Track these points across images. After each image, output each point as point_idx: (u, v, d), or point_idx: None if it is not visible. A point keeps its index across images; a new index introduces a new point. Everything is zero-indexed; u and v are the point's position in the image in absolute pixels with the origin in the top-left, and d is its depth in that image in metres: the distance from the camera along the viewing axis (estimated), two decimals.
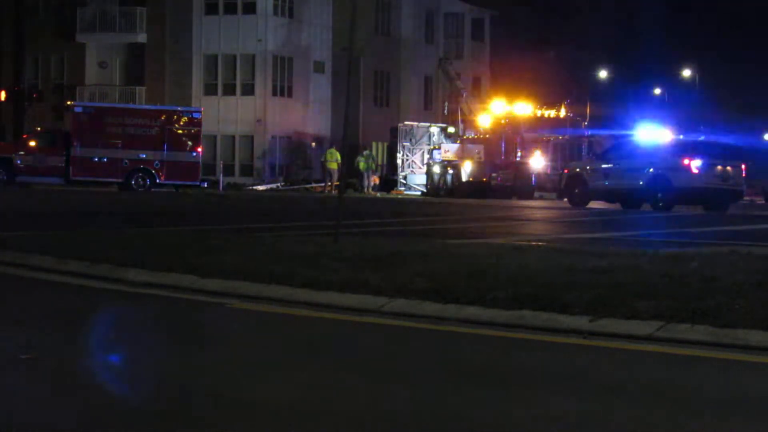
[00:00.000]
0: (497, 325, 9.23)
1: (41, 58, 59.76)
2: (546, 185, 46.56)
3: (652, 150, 33.92)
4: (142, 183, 44.24)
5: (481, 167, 46.88)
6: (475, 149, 48.12)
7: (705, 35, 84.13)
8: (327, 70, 59.48)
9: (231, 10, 56.24)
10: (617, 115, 60.80)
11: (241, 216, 24.80)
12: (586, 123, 52.20)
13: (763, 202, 45.57)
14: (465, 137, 49.71)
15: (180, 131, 44.92)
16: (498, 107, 48.97)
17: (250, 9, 56.10)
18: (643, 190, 33.03)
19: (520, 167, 46.86)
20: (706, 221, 25.91)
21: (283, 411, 6.35)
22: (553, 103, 50.30)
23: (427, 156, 50.56)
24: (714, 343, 8.35)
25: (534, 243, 16.03)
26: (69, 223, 19.96)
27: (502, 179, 46.19)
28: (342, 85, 50.68)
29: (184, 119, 45.25)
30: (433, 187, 47.84)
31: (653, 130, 36.96)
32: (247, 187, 52.12)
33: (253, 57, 56.09)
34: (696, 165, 32.66)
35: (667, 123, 46.64)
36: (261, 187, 52.15)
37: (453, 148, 48.90)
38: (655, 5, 77.40)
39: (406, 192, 51.21)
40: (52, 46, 58.97)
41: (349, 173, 48.87)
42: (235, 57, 56.33)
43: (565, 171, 37.57)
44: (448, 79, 56.65)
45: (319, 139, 57.94)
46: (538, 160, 47.67)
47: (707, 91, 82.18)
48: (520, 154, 47.57)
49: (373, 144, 57.54)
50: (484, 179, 46.35)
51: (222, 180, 51.18)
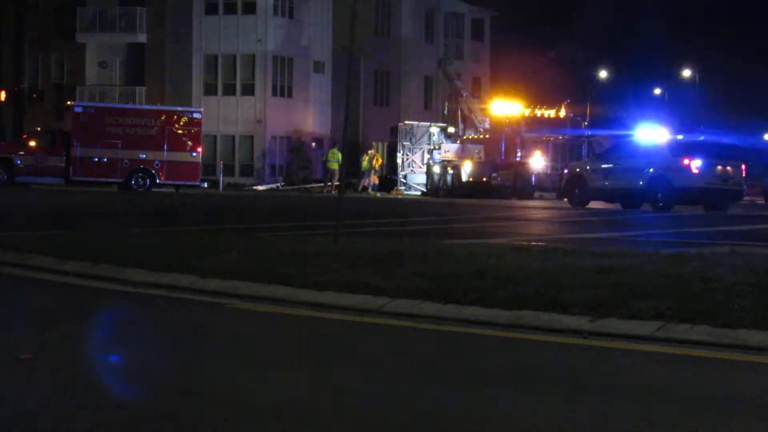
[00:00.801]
0: (497, 325, 9.23)
1: (41, 58, 59.74)
2: (546, 185, 46.58)
3: (652, 150, 33.92)
4: (142, 183, 44.24)
5: (481, 167, 46.89)
6: (475, 149, 48.15)
7: (705, 35, 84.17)
8: (327, 70, 59.47)
9: (231, 10, 56.23)
10: (617, 115, 60.76)
11: (241, 216, 24.80)
12: (586, 123, 52.21)
13: (763, 202, 45.53)
14: (465, 137, 49.74)
15: (180, 131, 44.92)
16: (498, 107, 48.98)
17: (250, 9, 56.09)
18: (643, 190, 33.02)
19: (520, 167, 46.87)
20: (706, 221, 25.91)
21: (284, 411, 6.35)
22: (553, 103, 50.32)
23: (427, 156, 50.58)
24: (714, 343, 8.35)
25: (534, 243, 16.03)
26: (69, 223, 19.95)
27: (502, 179, 46.20)
28: (342, 85, 50.69)
29: (184, 119, 45.25)
30: (433, 187, 47.84)
31: (653, 130, 36.95)
32: (247, 188, 52.11)
33: (253, 57, 56.09)
34: (696, 165, 32.66)
35: (667, 123, 46.67)
36: (261, 187, 52.14)
37: (453, 148, 48.92)
38: (655, 5, 77.41)
39: (406, 192, 51.22)
40: (52, 46, 58.96)
41: (352, 173, 48.87)
42: (235, 57, 56.33)
43: (565, 171, 37.58)
44: (448, 79, 56.61)
45: (319, 139, 57.94)
46: (538, 160, 47.68)
47: (707, 91, 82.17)
48: (520, 154, 47.59)
49: (373, 144, 57.52)
50: (484, 179, 46.36)
51: (222, 180, 51.20)
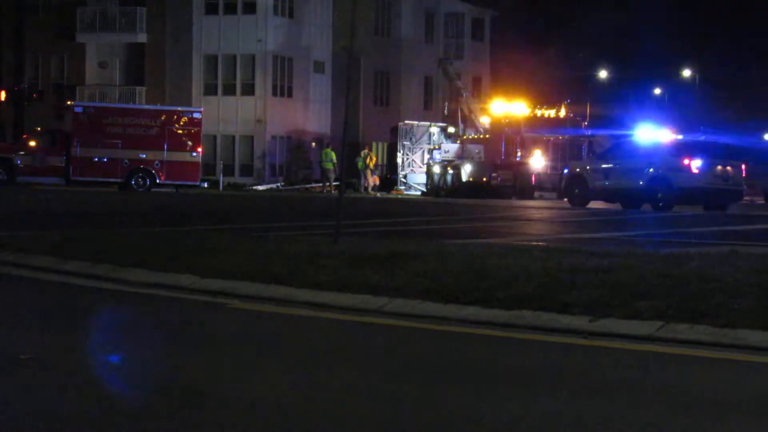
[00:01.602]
0: (497, 325, 9.24)
1: (41, 58, 59.73)
2: (546, 185, 46.56)
3: (652, 150, 33.91)
4: (142, 183, 44.24)
5: (481, 167, 46.89)
6: (475, 149, 48.14)
7: (705, 35, 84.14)
8: (327, 70, 59.47)
9: (231, 10, 56.22)
10: (617, 115, 60.74)
11: (241, 216, 24.80)
12: (586, 123, 52.18)
13: (763, 202, 45.50)
14: (465, 137, 49.73)
15: (180, 131, 44.92)
16: (498, 107, 48.98)
17: (250, 9, 56.08)
18: (643, 190, 33.01)
19: (520, 167, 46.86)
20: (706, 221, 25.90)
21: (284, 410, 6.36)
22: (553, 103, 50.31)
23: (427, 156, 50.58)
24: (714, 343, 8.35)
25: (534, 243, 16.03)
26: (69, 223, 19.95)
27: (502, 179, 46.20)
28: (342, 85, 50.68)
29: (184, 119, 45.24)
30: (433, 187, 47.84)
31: (653, 130, 36.95)
32: (247, 188, 52.11)
33: (253, 57, 56.08)
34: (696, 165, 32.65)
35: (667, 123, 46.67)
36: (261, 187, 52.14)
37: (453, 148, 48.93)
38: (655, 5, 77.40)
39: (406, 192, 51.22)
40: (52, 46, 58.93)
41: (350, 173, 48.85)
42: (235, 57, 56.31)
43: (565, 171, 37.57)
44: (448, 79, 56.61)
45: (319, 139, 57.94)
46: (538, 160, 47.67)
47: (707, 91, 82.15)
48: (520, 154, 47.58)
49: (373, 144, 57.52)
50: (484, 179, 46.36)
51: (222, 180, 51.20)
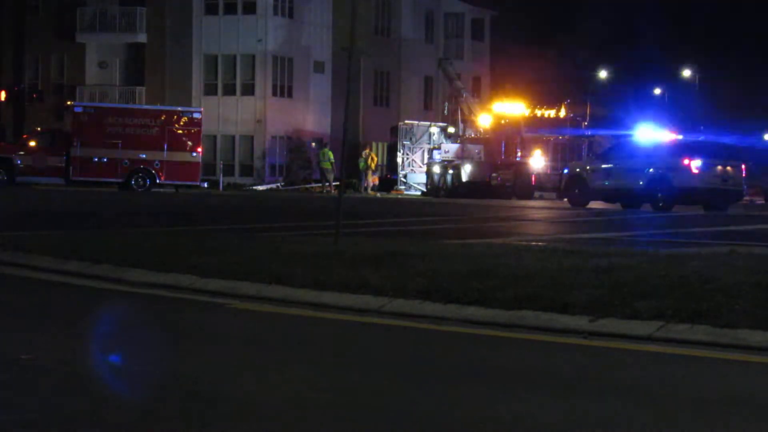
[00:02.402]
0: (497, 325, 9.23)
1: (41, 58, 59.74)
2: (546, 185, 46.60)
3: (652, 150, 33.93)
4: (142, 183, 44.25)
5: (481, 167, 46.90)
6: (475, 149, 48.15)
7: (705, 35, 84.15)
8: (327, 70, 59.47)
9: (231, 10, 56.23)
10: (617, 115, 60.76)
11: (241, 216, 24.81)
12: (586, 123, 52.22)
13: (763, 202, 45.53)
14: (465, 137, 49.74)
15: (180, 131, 44.93)
16: (498, 107, 48.99)
17: (250, 9, 56.08)
18: (643, 190, 33.02)
19: (520, 167, 46.88)
20: (706, 221, 25.90)
21: (284, 410, 6.36)
22: (553, 103, 50.33)
23: (427, 155, 50.59)
24: (714, 343, 8.35)
25: (534, 243, 16.03)
26: (69, 223, 19.95)
27: (502, 179, 46.22)
28: (342, 85, 50.68)
29: (184, 119, 45.26)
30: (433, 187, 47.86)
31: (653, 130, 36.97)
32: (247, 188, 52.11)
33: (253, 57, 56.08)
34: (696, 165, 32.66)
35: (667, 123, 46.68)
36: (261, 188, 52.15)
37: (453, 148, 48.93)
38: (655, 5, 77.41)
39: (406, 191, 51.23)
40: (52, 46, 58.94)
41: (349, 173, 48.86)
42: (235, 57, 56.32)
43: (565, 171, 37.58)
44: (448, 79, 56.60)
45: (319, 139, 57.97)
46: (538, 160, 47.70)
47: (707, 92, 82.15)
48: (520, 154, 47.59)
49: (373, 144, 57.53)
50: (485, 179, 46.37)
51: (222, 180, 51.20)
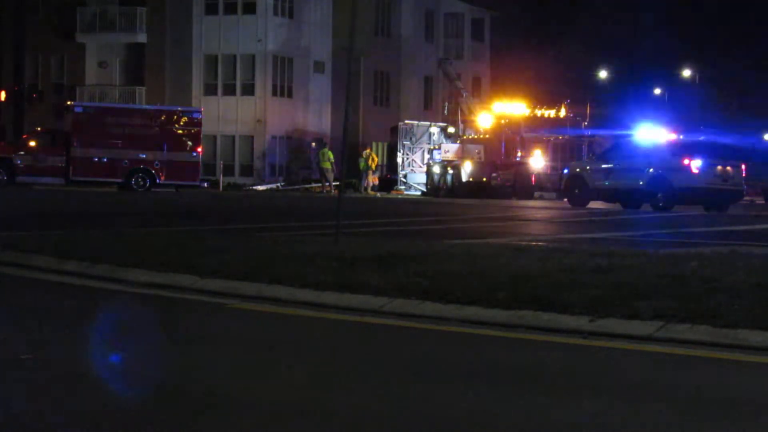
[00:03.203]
0: (497, 325, 9.23)
1: (41, 58, 59.73)
2: (546, 185, 46.59)
3: (652, 150, 33.93)
4: (142, 183, 44.25)
5: (481, 167, 46.90)
6: (475, 149, 48.15)
7: (705, 35, 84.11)
8: (327, 70, 59.47)
9: (231, 10, 56.23)
10: (617, 115, 60.76)
11: (241, 216, 24.81)
12: (586, 123, 52.21)
13: (763, 202, 45.51)
14: (465, 137, 49.74)
15: (180, 131, 44.93)
16: (498, 107, 48.99)
17: (250, 9, 56.08)
18: (643, 190, 33.02)
19: (520, 167, 46.87)
20: (706, 221, 25.90)
21: (283, 411, 6.36)
22: (553, 103, 50.33)
23: (427, 155, 50.59)
24: (714, 343, 8.35)
25: (534, 243, 16.03)
26: (69, 223, 19.95)
27: (502, 179, 46.22)
28: (342, 85, 50.68)
29: (184, 119, 45.26)
30: (433, 187, 47.86)
31: (653, 130, 36.95)
32: (247, 188, 52.11)
33: (253, 57, 56.08)
34: (696, 165, 32.66)
35: (667, 123, 46.65)
36: (260, 188, 52.14)
37: (453, 148, 48.94)
38: (655, 5, 77.39)
39: (406, 191, 51.23)
40: (52, 46, 58.94)
41: (349, 173, 48.85)
42: (235, 57, 56.32)
43: (565, 171, 37.58)
44: (448, 79, 56.64)
45: (319, 139, 57.97)
46: (538, 160, 47.68)
47: (707, 92, 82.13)
48: (520, 154, 47.59)
49: (373, 144, 57.53)
50: (484, 179, 46.37)
51: (222, 180, 51.19)
